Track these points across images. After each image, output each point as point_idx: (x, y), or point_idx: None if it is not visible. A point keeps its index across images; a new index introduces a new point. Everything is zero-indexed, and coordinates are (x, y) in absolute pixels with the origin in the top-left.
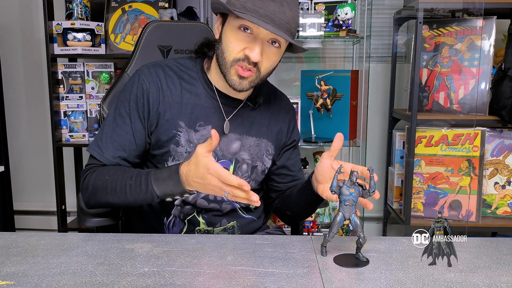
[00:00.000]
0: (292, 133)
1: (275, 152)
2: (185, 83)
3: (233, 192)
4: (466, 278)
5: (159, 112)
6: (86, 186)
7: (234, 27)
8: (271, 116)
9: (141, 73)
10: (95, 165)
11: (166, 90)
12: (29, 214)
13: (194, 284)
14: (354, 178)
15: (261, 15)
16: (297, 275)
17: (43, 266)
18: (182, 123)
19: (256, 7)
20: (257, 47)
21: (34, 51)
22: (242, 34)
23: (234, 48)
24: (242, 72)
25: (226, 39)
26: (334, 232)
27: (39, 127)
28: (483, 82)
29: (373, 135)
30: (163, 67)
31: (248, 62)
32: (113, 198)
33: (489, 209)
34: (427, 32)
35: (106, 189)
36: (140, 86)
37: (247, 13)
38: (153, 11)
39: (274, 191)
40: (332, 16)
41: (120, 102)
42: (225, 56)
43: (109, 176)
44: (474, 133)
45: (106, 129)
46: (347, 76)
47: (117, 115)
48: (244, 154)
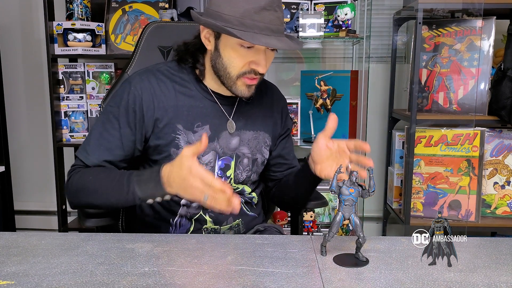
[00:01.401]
0: (286, 122)
1: (271, 143)
2: (178, 86)
3: (214, 195)
4: (466, 278)
5: (155, 118)
6: (70, 186)
7: (234, 44)
8: (265, 108)
9: (133, 80)
10: (79, 166)
11: (160, 95)
12: (29, 214)
13: (194, 284)
14: (353, 178)
15: (261, 29)
16: (297, 275)
17: (43, 266)
18: (180, 126)
19: (254, 22)
20: (262, 60)
21: (35, 52)
22: (244, 49)
23: (238, 64)
24: (250, 82)
25: (228, 55)
26: (333, 232)
27: (39, 127)
28: (482, 82)
29: (372, 135)
30: (155, 73)
31: (255, 73)
32: (94, 199)
33: (488, 209)
34: (427, 33)
35: (88, 189)
36: (131, 93)
37: (248, 30)
38: (153, 12)
39: (271, 180)
40: (331, 17)
41: (109, 107)
42: (229, 71)
43: (92, 176)
44: (474, 133)
45: (94, 133)
46: (347, 77)
47: (106, 120)
48: (243, 148)
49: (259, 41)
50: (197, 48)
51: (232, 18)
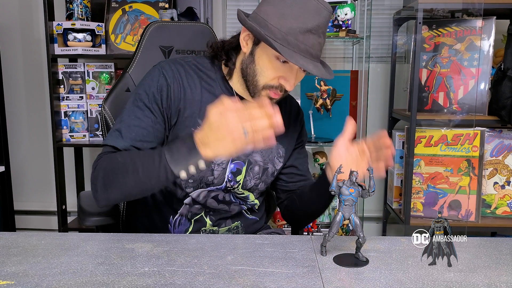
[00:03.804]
0: (301, 133)
1: (285, 155)
2: (204, 83)
3: (254, 122)
4: (466, 278)
5: (179, 109)
6: (96, 174)
7: (271, 54)
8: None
9: (163, 68)
10: (107, 152)
11: (187, 87)
12: (29, 214)
13: (194, 284)
14: (353, 178)
15: (301, 50)
16: (297, 275)
17: (43, 266)
18: (200, 121)
19: (298, 42)
20: (292, 79)
21: (35, 52)
22: (279, 63)
23: (269, 75)
24: (274, 95)
25: (262, 63)
26: (334, 231)
27: (39, 127)
28: (482, 82)
29: (373, 135)
30: (183, 65)
31: (281, 89)
32: (124, 180)
33: (488, 209)
34: (427, 33)
35: (117, 171)
36: (162, 80)
37: (289, 47)
38: (153, 12)
39: (283, 191)
40: (332, 17)
41: (139, 95)
42: (258, 79)
43: (121, 157)
44: (474, 133)
45: (125, 119)
46: (347, 77)
47: (136, 108)
48: (256, 156)
49: (297, 62)
50: (232, 47)
51: (277, 31)
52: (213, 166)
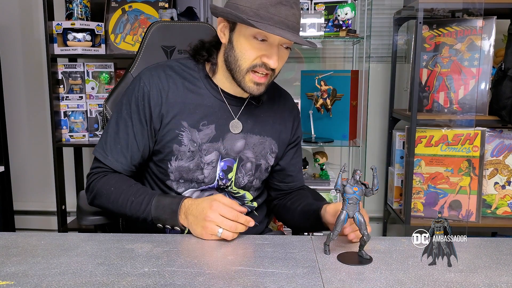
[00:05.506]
0: (296, 131)
1: (278, 151)
2: (187, 83)
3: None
4: (466, 278)
5: (162, 114)
6: (91, 189)
7: (248, 35)
8: (275, 114)
9: (142, 75)
10: (101, 168)
11: (167, 90)
12: (29, 214)
13: (194, 284)
14: (357, 176)
15: (276, 22)
16: (297, 275)
17: (43, 266)
18: (184, 123)
19: (270, 14)
20: (275, 54)
21: (34, 51)
22: (257, 42)
23: (250, 56)
24: (259, 80)
25: (240, 47)
26: (338, 230)
27: (39, 127)
28: (483, 82)
29: (373, 135)
30: (164, 68)
31: (266, 68)
32: (113, 207)
33: (489, 209)
34: (427, 32)
35: (109, 197)
36: (141, 89)
37: (262, 22)
38: (153, 11)
39: (274, 189)
40: (332, 16)
41: (122, 105)
42: (241, 63)
43: (115, 187)
44: (474, 133)
45: (110, 132)
46: (347, 76)
47: (119, 118)
48: (248, 152)
49: (272, 31)
50: (212, 44)
51: (248, 10)
52: (202, 165)
